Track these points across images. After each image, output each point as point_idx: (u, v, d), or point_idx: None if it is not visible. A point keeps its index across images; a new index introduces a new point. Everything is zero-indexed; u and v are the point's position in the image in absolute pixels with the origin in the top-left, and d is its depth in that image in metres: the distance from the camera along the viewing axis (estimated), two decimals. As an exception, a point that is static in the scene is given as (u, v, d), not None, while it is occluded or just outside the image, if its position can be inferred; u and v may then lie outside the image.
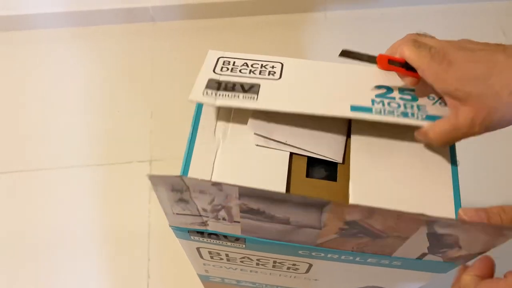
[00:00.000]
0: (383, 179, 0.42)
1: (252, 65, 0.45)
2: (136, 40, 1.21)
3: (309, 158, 0.45)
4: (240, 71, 0.44)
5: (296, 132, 0.45)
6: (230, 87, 0.43)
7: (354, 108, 0.41)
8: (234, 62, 0.45)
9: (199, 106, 0.46)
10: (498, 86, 0.33)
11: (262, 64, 0.45)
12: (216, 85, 0.43)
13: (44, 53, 1.21)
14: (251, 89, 0.43)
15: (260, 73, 0.44)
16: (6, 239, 0.97)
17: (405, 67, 0.40)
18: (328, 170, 0.45)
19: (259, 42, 1.15)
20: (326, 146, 0.44)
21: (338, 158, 0.44)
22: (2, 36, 1.15)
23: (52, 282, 0.93)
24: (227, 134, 0.45)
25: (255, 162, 0.43)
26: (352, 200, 0.41)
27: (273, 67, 0.45)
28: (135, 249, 0.99)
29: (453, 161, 0.43)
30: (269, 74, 0.44)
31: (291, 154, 0.44)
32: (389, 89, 0.42)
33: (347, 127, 0.46)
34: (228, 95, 0.42)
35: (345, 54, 0.42)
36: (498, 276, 0.33)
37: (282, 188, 0.42)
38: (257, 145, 0.44)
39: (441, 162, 0.43)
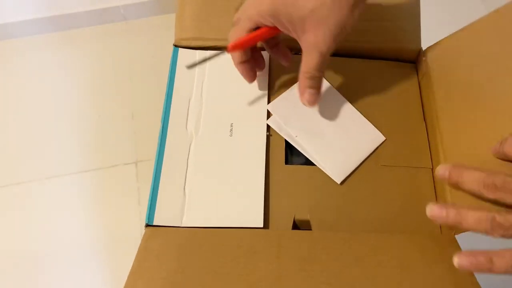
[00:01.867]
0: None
1: None
2: (110, 41, 1.19)
3: (287, 144, 0.43)
4: None
5: (310, 131, 0.42)
6: None
7: None
8: None
9: (168, 100, 0.44)
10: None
11: None
12: None
13: (16, 62, 1.18)
14: None
15: None
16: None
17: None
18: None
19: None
20: (332, 162, 0.41)
21: (337, 179, 0.41)
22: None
23: (48, 293, 0.91)
24: (199, 126, 0.43)
25: (230, 154, 0.42)
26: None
27: None
28: (129, 251, 0.97)
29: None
30: None
31: (268, 142, 0.42)
32: None
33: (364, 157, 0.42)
34: None
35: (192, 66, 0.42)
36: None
37: (261, 177, 0.40)
38: (268, 125, 0.42)
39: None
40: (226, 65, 0.45)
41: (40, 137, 1.10)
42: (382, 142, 0.42)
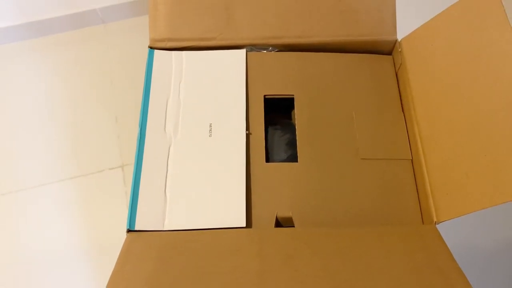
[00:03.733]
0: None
1: None
2: (89, 45, 1.17)
3: (267, 140, 0.43)
4: None
5: None
6: None
7: None
8: None
9: (145, 103, 0.43)
10: None
11: None
12: None
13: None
14: None
15: None
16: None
17: None
18: (288, 153, 0.44)
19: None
20: None
21: None
22: None
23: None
24: (178, 128, 0.42)
25: (210, 154, 0.41)
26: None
27: None
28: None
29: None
30: None
31: (248, 140, 0.42)
32: None
33: None
34: None
35: None
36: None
37: (242, 176, 0.40)
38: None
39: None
40: (204, 65, 0.45)
41: (22, 147, 1.09)
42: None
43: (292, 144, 0.43)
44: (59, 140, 1.05)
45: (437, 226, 0.37)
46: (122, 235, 1.08)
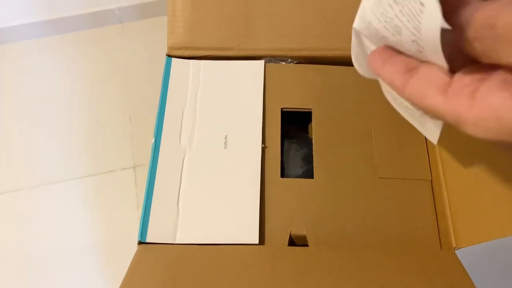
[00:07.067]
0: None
1: None
2: (106, 44, 1.17)
3: (282, 154, 0.42)
4: None
5: None
6: None
7: None
8: None
9: (161, 112, 0.43)
10: None
11: None
12: None
13: (12, 67, 1.17)
14: None
15: None
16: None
17: None
18: (304, 168, 0.43)
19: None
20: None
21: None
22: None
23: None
24: (193, 139, 0.42)
25: (225, 167, 0.41)
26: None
27: None
28: (129, 257, 0.96)
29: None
30: None
31: (263, 154, 0.41)
32: None
33: None
34: None
35: None
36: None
37: (256, 191, 0.39)
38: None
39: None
40: (221, 75, 0.45)
41: (37, 143, 1.10)
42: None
43: (308, 159, 0.42)
44: (73, 138, 1.06)
45: (457, 252, 0.36)
46: (131, 234, 1.08)
